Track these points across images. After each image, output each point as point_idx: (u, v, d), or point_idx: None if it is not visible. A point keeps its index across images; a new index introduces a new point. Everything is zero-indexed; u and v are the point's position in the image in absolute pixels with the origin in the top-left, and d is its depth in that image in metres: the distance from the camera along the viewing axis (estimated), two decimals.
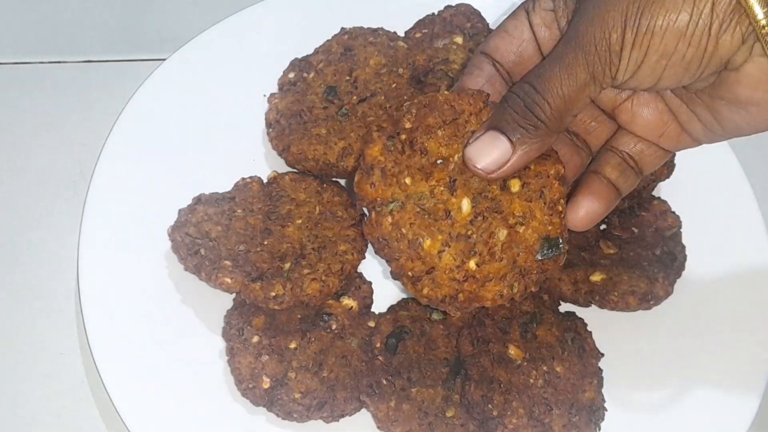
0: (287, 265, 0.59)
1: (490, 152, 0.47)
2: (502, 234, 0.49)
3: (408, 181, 0.49)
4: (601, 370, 0.58)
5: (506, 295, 0.50)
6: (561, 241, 0.49)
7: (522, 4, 0.51)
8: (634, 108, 0.51)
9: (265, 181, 0.65)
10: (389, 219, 0.49)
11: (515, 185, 0.49)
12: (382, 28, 0.70)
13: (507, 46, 0.50)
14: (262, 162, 0.67)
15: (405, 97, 0.66)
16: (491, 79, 0.50)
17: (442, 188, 0.49)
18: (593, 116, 0.53)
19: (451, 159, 0.49)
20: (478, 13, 0.72)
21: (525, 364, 0.56)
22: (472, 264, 0.49)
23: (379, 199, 0.49)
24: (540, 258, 0.49)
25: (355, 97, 0.67)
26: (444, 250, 0.50)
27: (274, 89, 0.69)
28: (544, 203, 0.49)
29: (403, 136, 0.48)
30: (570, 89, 0.46)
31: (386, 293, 0.62)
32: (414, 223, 0.49)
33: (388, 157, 0.48)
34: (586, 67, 0.45)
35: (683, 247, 0.63)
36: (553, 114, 0.46)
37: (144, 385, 0.57)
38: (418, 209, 0.49)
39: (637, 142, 0.52)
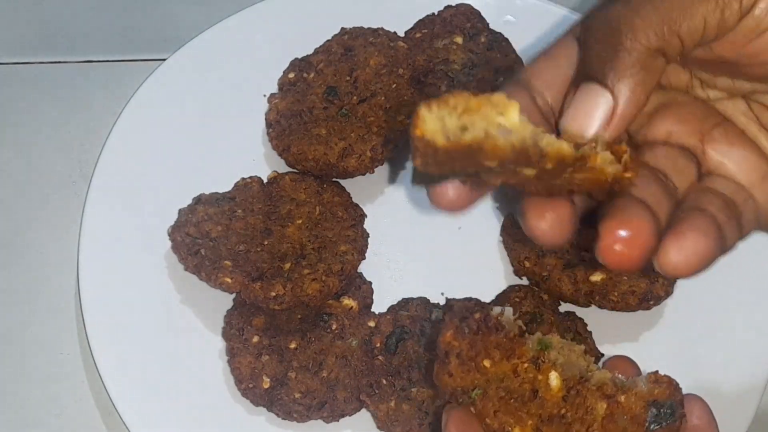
0: (287, 265, 0.59)
1: (591, 111, 0.35)
2: (601, 408, 0.42)
3: (487, 363, 0.43)
4: None
5: None
6: (674, 404, 0.43)
7: (569, 29, 0.40)
8: (730, 138, 0.39)
9: (265, 181, 0.65)
10: (472, 410, 0.44)
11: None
12: (382, 28, 0.70)
13: (553, 69, 0.38)
14: (262, 162, 0.67)
15: (405, 98, 0.66)
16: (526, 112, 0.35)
17: (526, 365, 0.43)
18: (672, 158, 0.39)
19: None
20: (478, 13, 0.72)
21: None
22: None
23: (460, 388, 0.44)
24: (655, 428, 0.42)
25: (355, 98, 0.67)
26: None
27: (274, 89, 0.69)
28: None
29: (477, 315, 0.44)
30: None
31: (386, 293, 0.62)
32: (499, 410, 0.43)
33: (463, 341, 0.43)
34: None
35: None
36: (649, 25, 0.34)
37: (144, 386, 0.57)
38: (503, 393, 0.43)
39: (736, 187, 0.38)
